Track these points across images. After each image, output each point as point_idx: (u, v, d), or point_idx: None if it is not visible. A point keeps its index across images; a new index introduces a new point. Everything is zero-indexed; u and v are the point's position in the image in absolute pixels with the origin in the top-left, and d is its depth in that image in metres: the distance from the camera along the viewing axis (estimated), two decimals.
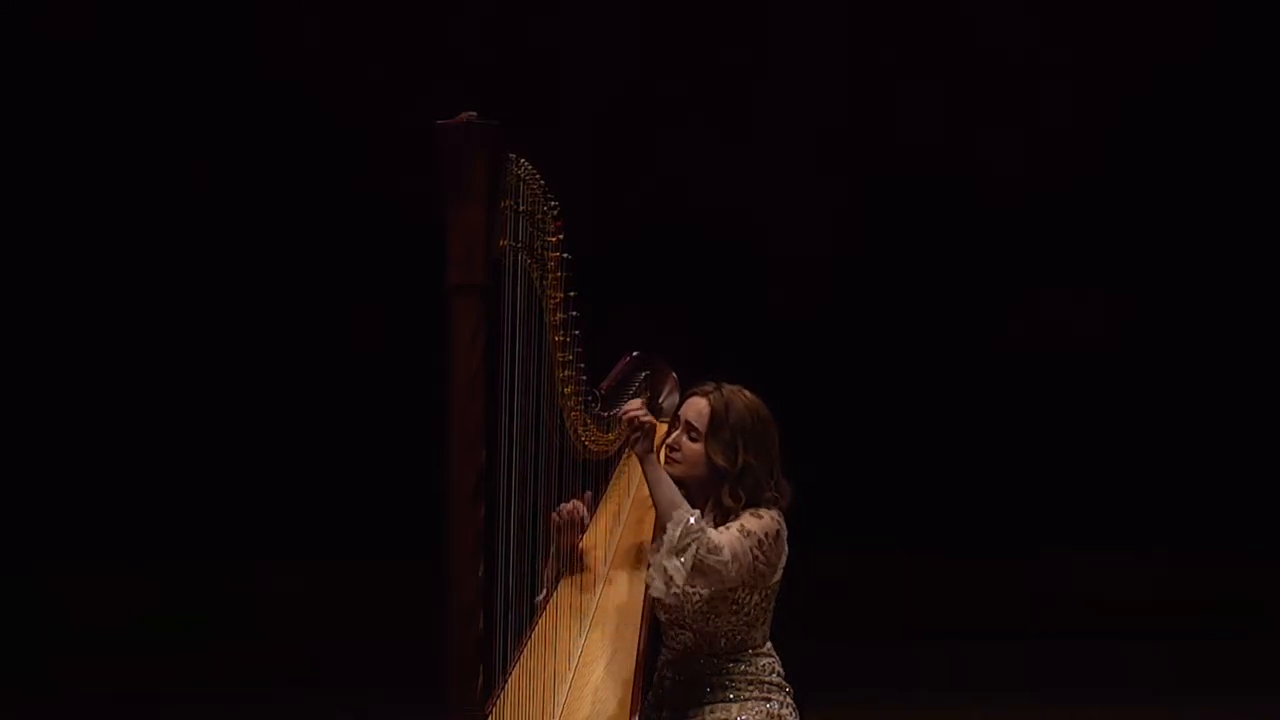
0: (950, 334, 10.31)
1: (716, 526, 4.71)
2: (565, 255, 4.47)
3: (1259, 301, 10.26)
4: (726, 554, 4.56)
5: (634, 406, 4.66)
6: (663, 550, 4.55)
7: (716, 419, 4.71)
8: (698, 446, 4.73)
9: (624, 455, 4.97)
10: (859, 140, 10.17)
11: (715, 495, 4.72)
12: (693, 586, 4.57)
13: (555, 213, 4.44)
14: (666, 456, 4.77)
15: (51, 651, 9.14)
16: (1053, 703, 8.33)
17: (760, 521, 4.65)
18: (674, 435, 4.76)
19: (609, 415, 4.78)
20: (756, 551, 4.62)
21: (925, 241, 10.31)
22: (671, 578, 4.54)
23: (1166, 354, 10.28)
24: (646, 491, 4.86)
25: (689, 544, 4.53)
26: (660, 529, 4.61)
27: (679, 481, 4.79)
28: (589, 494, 4.78)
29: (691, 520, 4.55)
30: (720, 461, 4.69)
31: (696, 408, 4.74)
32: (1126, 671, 8.78)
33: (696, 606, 4.63)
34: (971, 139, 10.27)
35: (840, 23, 10.20)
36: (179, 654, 9.10)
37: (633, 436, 4.67)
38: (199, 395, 10.13)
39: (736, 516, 4.68)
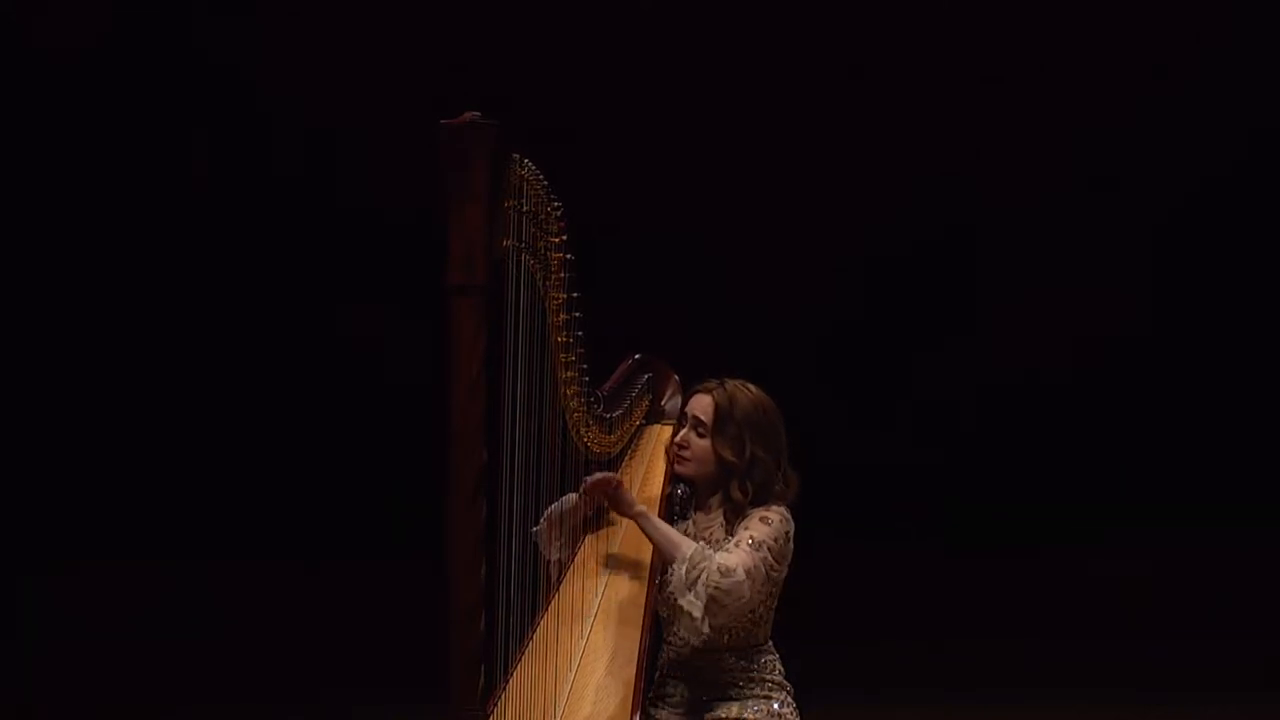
0: (947, 333, 10.31)
1: (728, 522, 4.72)
2: (568, 256, 4.48)
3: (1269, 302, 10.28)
4: (740, 573, 4.56)
5: (592, 479, 4.66)
6: (675, 591, 4.55)
7: (721, 414, 4.72)
8: (705, 442, 4.74)
9: (626, 456, 4.99)
10: (855, 140, 10.16)
11: (725, 490, 4.73)
12: (716, 618, 4.57)
13: (559, 213, 4.45)
14: (675, 455, 4.77)
15: (50, 648, 9.14)
16: (1055, 703, 8.33)
17: (768, 528, 4.64)
18: (682, 433, 4.77)
19: (611, 417, 4.80)
20: (771, 560, 4.63)
21: (924, 241, 10.32)
22: (690, 614, 4.55)
23: (1166, 354, 10.28)
24: (650, 492, 4.87)
25: (698, 575, 4.54)
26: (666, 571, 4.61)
27: (689, 480, 4.80)
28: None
29: (691, 552, 4.56)
30: (728, 456, 4.70)
31: (702, 404, 4.75)
32: (1131, 671, 8.77)
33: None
34: (970, 138, 10.26)
35: (838, 24, 10.20)
36: (178, 654, 9.09)
37: (601, 502, 4.69)
38: (197, 396, 10.12)
39: (746, 513, 4.68)
